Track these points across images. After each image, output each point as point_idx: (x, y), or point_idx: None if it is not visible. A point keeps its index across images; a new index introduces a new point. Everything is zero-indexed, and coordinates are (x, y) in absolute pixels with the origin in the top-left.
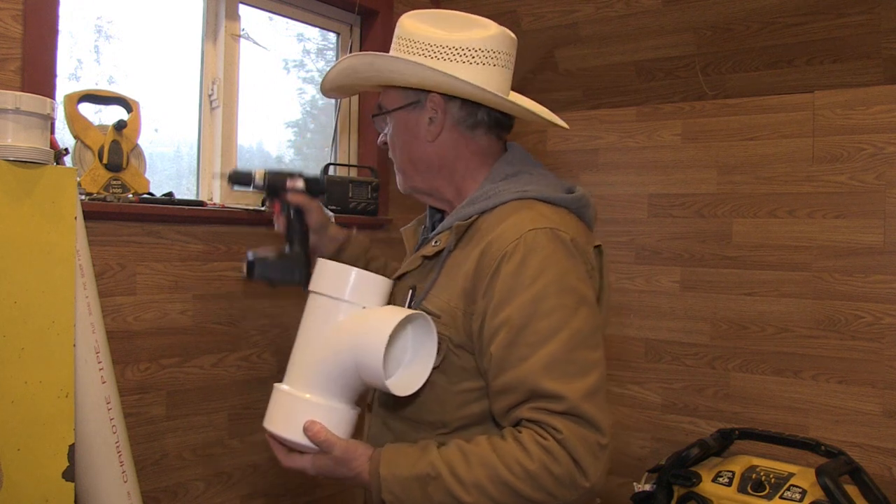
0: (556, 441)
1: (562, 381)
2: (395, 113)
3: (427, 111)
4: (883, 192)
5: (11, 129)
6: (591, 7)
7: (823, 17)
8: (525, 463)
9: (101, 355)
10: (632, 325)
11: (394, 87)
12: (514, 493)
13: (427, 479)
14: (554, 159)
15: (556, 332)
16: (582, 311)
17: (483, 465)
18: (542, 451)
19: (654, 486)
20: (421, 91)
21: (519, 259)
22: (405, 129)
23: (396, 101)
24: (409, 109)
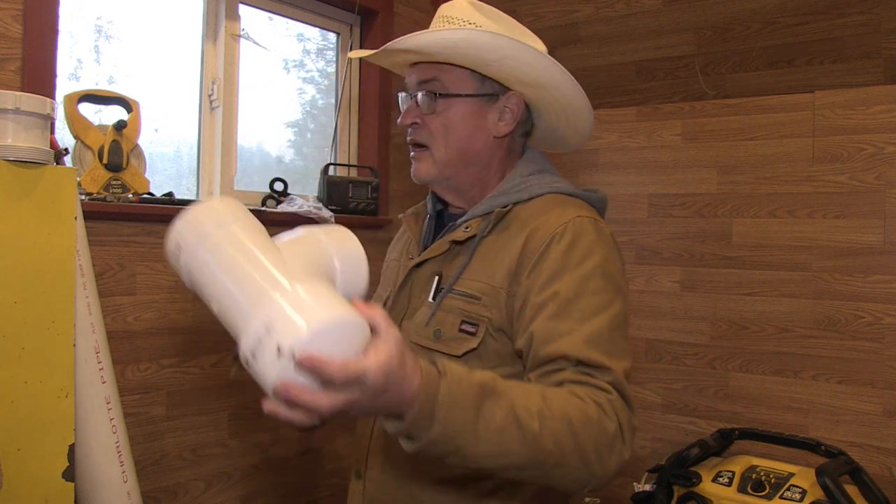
0: (607, 400)
1: (607, 356)
2: (464, 98)
3: (498, 107)
4: (883, 192)
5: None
6: (591, 7)
7: (823, 17)
8: (583, 407)
9: (101, 355)
10: (632, 325)
11: (464, 69)
12: (572, 438)
13: (487, 391)
14: (554, 159)
15: (601, 311)
16: (620, 299)
17: (545, 396)
18: (596, 404)
19: (654, 486)
20: (500, 85)
21: (569, 241)
22: (467, 119)
23: (468, 87)
24: (480, 99)
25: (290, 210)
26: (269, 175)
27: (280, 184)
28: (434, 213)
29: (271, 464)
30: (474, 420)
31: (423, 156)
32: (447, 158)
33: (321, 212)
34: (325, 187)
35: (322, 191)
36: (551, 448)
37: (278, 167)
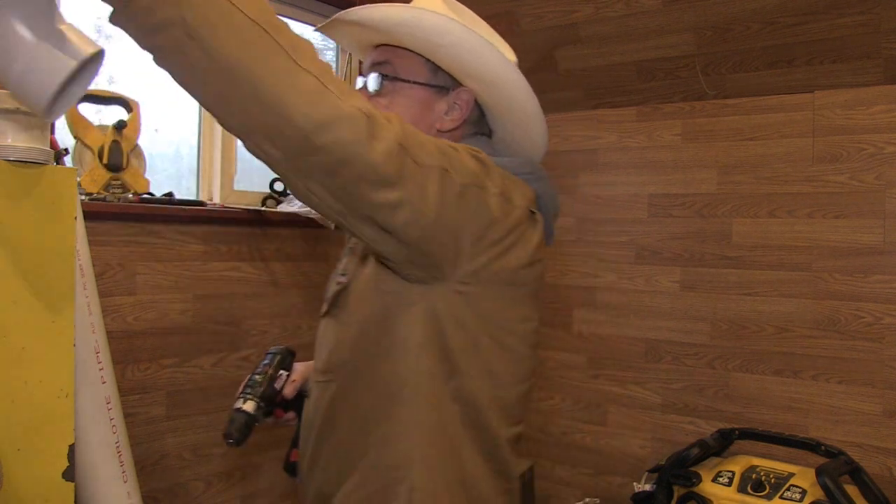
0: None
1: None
2: (412, 85)
3: (448, 100)
4: (883, 192)
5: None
6: (591, 7)
7: (823, 17)
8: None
9: (101, 355)
10: (632, 325)
11: (419, 56)
12: (300, 50)
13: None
14: (554, 159)
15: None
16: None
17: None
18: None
19: (654, 486)
20: (452, 79)
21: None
22: (414, 107)
23: (419, 74)
24: (429, 89)
25: (289, 210)
26: (269, 175)
27: (280, 184)
28: None
29: (271, 464)
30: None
31: None
32: None
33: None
34: None
35: None
36: (282, 30)
37: None
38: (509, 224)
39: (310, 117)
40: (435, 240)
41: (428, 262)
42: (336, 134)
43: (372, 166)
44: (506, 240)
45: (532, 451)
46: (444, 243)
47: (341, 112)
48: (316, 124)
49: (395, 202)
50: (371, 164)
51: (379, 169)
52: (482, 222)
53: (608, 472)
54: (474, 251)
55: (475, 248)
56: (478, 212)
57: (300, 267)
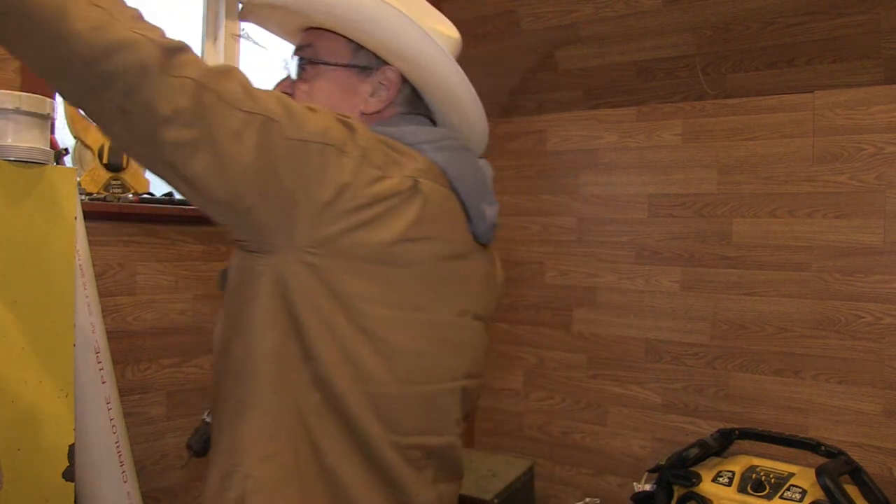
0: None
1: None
2: (333, 67)
3: (373, 81)
4: (883, 192)
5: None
6: (591, 7)
7: (823, 17)
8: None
9: (101, 355)
10: (632, 325)
11: (340, 37)
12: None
13: None
14: (554, 159)
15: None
16: (278, 102)
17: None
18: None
19: (654, 486)
20: (376, 58)
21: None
22: (336, 90)
23: (341, 56)
24: (352, 71)
25: None
26: None
27: None
28: None
29: None
30: None
31: None
32: None
33: None
34: None
35: None
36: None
37: None
38: (375, 193)
39: (92, 44)
40: (253, 195)
41: (255, 224)
42: (120, 59)
43: (162, 96)
44: (368, 210)
45: (532, 451)
46: (270, 201)
47: (126, 37)
48: (99, 50)
49: (190, 142)
50: (161, 94)
51: (170, 101)
52: (330, 186)
53: (608, 472)
54: (323, 217)
55: (324, 215)
56: (323, 173)
57: None
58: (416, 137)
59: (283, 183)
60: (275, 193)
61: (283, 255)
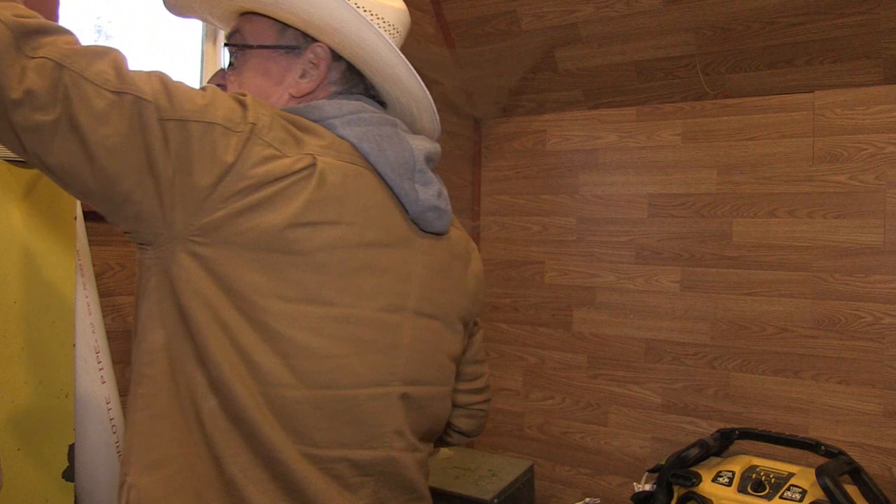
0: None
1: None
2: (260, 51)
3: (302, 61)
4: (883, 192)
5: None
6: (591, 7)
7: (823, 17)
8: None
9: (101, 355)
10: (632, 325)
11: (266, 19)
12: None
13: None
14: (554, 159)
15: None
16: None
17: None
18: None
19: (654, 486)
20: (303, 36)
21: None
22: (264, 73)
23: (266, 38)
24: (279, 52)
25: None
26: None
27: None
28: None
29: None
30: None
31: None
32: None
33: None
34: None
35: None
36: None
37: None
38: (264, 173)
39: None
40: (128, 182)
41: (134, 213)
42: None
43: (12, 77)
44: (257, 192)
45: (532, 451)
46: (146, 188)
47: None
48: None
49: (47, 125)
50: (10, 75)
51: (21, 82)
52: (214, 167)
53: (608, 472)
54: (207, 202)
55: (208, 199)
56: (204, 154)
57: None
58: (323, 112)
59: (159, 167)
60: (151, 179)
61: (168, 246)
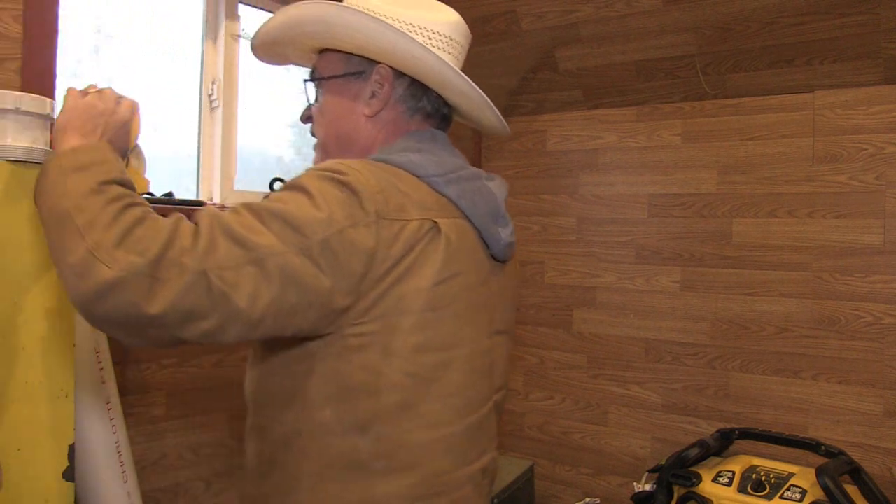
0: (168, 222)
1: (234, 211)
2: (333, 81)
3: (371, 84)
4: (883, 192)
5: (11, 129)
6: (591, 7)
7: (823, 17)
8: (164, 221)
9: (101, 355)
10: (632, 325)
11: (335, 52)
12: (118, 216)
13: (87, 164)
14: (554, 159)
15: (247, 208)
16: (282, 201)
17: (139, 205)
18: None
19: (654, 486)
20: (368, 61)
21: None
22: (340, 101)
23: (336, 68)
24: (349, 79)
25: None
26: (269, 175)
27: (280, 184)
28: None
29: None
30: (61, 174)
31: (316, 147)
32: (327, 145)
33: None
34: None
35: None
36: (93, 208)
37: (278, 167)
38: (400, 246)
39: (81, 294)
40: (294, 324)
41: (302, 333)
42: (111, 303)
43: (168, 306)
44: (399, 265)
45: (532, 451)
46: (309, 316)
47: (106, 280)
48: (88, 299)
49: (214, 328)
50: (166, 304)
51: (176, 307)
52: (359, 259)
53: (608, 472)
54: (361, 289)
55: (362, 286)
56: (349, 253)
57: None
58: (427, 170)
59: (321, 289)
60: (318, 301)
61: (335, 335)
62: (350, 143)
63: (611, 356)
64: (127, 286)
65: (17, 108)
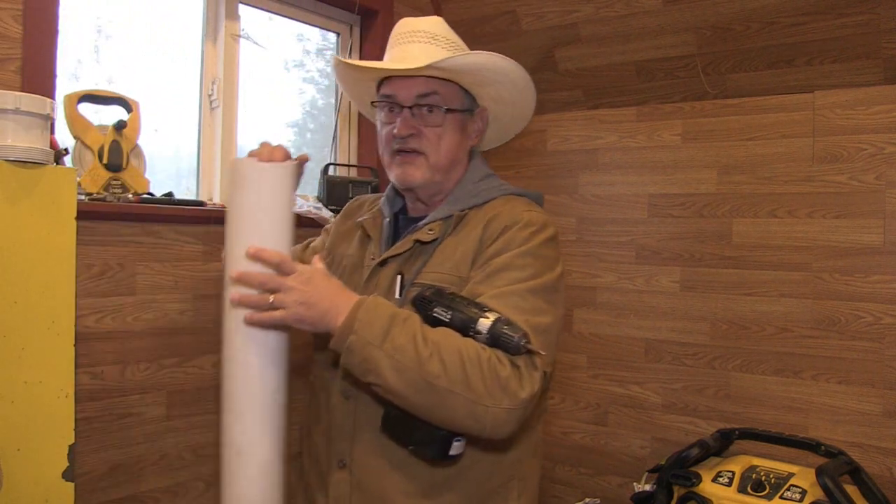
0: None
1: (516, 314)
2: (456, 113)
3: (474, 121)
4: (883, 192)
5: (11, 129)
6: (591, 7)
7: (823, 17)
8: (478, 349)
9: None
10: (632, 325)
11: (456, 85)
12: (461, 368)
13: (398, 318)
14: (554, 159)
15: (521, 281)
16: (548, 273)
17: (446, 334)
18: (493, 352)
19: (654, 486)
20: (474, 101)
21: (516, 228)
22: (460, 131)
23: (459, 103)
24: (465, 114)
25: None
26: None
27: None
28: (391, 217)
29: None
30: (383, 336)
31: (417, 161)
32: (440, 165)
33: (321, 212)
34: (325, 187)
35: (322, 191)
36: (439, 372)
37: None
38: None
39: (482, 429)
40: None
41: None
42: (508, 425)
43: (531, 403)
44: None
45: None
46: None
47: (497, 416)
48: (490, 431)
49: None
50: (531, 403)
51: (536, 401)
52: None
53: (608, 472)
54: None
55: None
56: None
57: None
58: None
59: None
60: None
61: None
62: (455, 166)
63: (611, 356)
64: (512, 414)
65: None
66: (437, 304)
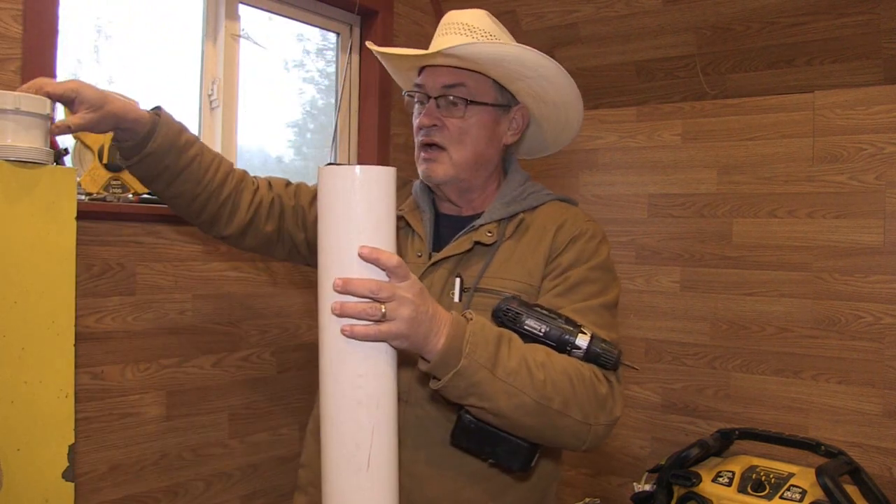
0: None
1: (596, 328)
2: (485, 107)
3: (509, 118)
4: (883, 192)
5: (11, 130)
6: (591, 7)
7: (823, 17)
8: (578, 366)
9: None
10: (632, 325)
11: (487, 77)
12: (571, 391)
13: (504, 339)
14: (554, 159)
15: (597, 296)
16: (615, 287)
17: (549, 354)
18: (588, 366)
19: (654, 486)
20: (512, 97)
21: (585, 239)
22: (486, 126)
23: (489, 96)
24: (498, 109)
25: None
26: (269, 175)
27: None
28: (433, 214)
29: (271, 464)
30: (493, 359)
31: (440, 157)
32: (464, 161)
33: None
34: None
35: None
36: (553, 395)
37: (278, 167)
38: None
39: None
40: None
41: None
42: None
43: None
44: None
45: None
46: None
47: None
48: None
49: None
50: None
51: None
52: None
53: (608, 472)
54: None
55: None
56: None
57: (300, 267)
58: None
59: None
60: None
61: None
62: (485, 164)
63: None
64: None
65: (17, 108)
66: (528, 316)
